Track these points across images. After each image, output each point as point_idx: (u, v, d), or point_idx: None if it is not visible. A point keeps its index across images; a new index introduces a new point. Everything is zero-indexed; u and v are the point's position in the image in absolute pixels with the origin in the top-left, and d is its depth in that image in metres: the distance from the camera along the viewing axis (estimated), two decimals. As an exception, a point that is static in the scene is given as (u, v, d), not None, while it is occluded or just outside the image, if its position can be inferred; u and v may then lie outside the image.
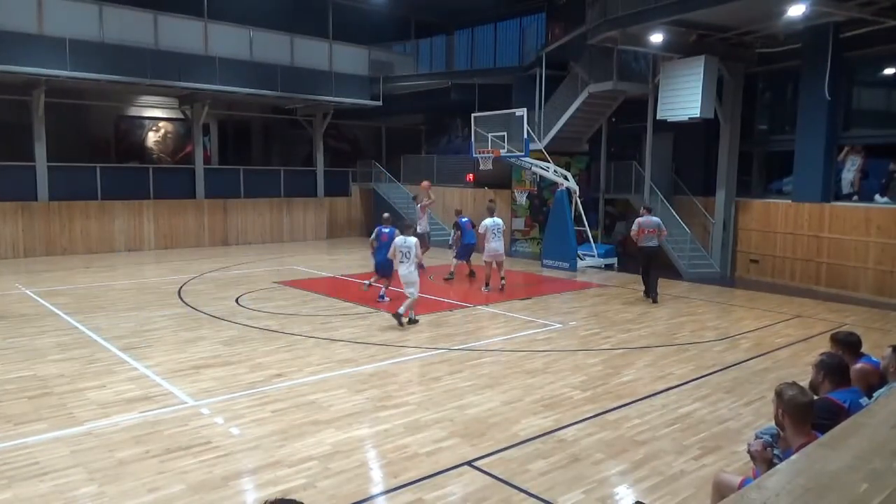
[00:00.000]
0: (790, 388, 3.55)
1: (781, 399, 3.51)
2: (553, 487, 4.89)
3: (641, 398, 6.94)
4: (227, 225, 21.77)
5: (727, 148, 15.59)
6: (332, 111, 23.56)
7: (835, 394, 4.06)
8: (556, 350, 8.93)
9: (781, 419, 3.49)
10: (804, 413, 3.45)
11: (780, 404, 3.51)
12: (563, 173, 17.02)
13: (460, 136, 24.80)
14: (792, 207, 14.67)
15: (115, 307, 11.28)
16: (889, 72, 13.87)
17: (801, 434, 3.40)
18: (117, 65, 17.60)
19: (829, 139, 13.93)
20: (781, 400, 3.51)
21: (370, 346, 8.91)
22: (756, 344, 9.37)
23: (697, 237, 16.33)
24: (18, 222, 17.84)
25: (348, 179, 25.53)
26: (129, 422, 6.11)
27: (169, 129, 23.70)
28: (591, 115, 18.48)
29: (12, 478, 4.95)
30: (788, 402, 3.47)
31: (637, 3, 13.53)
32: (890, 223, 12.92)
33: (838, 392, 4.07)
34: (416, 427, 6.05)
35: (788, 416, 3.45)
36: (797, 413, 3.44)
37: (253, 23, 20.45)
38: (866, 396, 4.14)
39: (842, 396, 4.00)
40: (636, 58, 17.08)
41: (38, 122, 17.89)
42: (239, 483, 4.97)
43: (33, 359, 8.13)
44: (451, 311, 11.37)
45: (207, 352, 8.51)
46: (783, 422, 3.48)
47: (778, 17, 12.66)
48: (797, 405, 3.45)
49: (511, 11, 23.76)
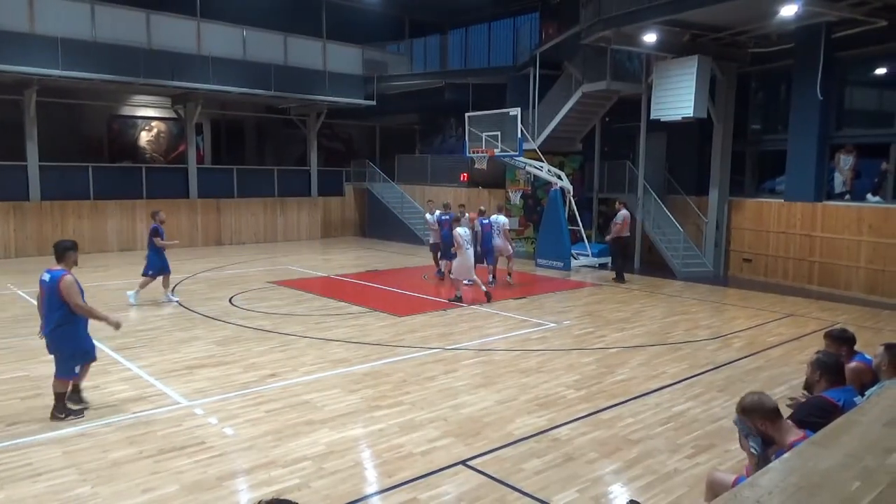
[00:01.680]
0: (747, 396, 3.57)
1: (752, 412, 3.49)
2: (547, 486, 4.90)
3: (635, 397, 6.97)
4: (221, 225, 21.71)
5: (720, 147, 15.66)
6: (325, 111, 23.52)
7: (829, 392, 4.07)
8: (550, 349, 8.94)
9: (765, 430, 3.49)
10: (772, 410, 3.48)
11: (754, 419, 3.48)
12: (556, 173, 17.05)
13: (454, 136, 24.81)
14: (784, 207, 14.74)
15: (108, 307, 11.15)
16: (881, 71, 13.94)
17: (787, 432, 3.43)
18: (110, 64, 17.53)
19: (821, 139, 14.00)
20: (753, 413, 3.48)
21: (364, 346, 8.91)
22: (749, 343, 9.41)
23: (691, 236, 16.38)
24: (10, 222, 17.74)
25: (342, 179, 25.50)
26: (122, 422, 6.09)
27: (162, 129, 23.61)
28: (585, 115, 18.51)
29: (5, 479, 4.93)
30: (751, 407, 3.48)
31: (631, 3, 13.56)
32: (881, 222, 13.00)
33: (833, 391, 4.08)
34: (410, 427, 6.05)
35: (765, 420, 3.46)
36: (771, 414, 3.46)
37: (246, 22, 20.41)
38: (860, 395, 4.16)
39: (836, 395, 4.02)
40: (630, 57, 17.12)
41: (30, 121, 17.80)
42: (233, 483, 4.96)
43: (26, 359, 8.09)
44: (445, 311, 11.38)
45: (201, 352, 8.49)
46: (768, 431, 3.48)
47: (770, 17, 12.72)
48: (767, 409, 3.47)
49: (505, 11, 23.79)
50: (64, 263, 6.26)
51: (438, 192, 23.22)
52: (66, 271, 6.18)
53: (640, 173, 16.90)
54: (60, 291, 6.03)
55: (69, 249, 6.34)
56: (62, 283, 6.04)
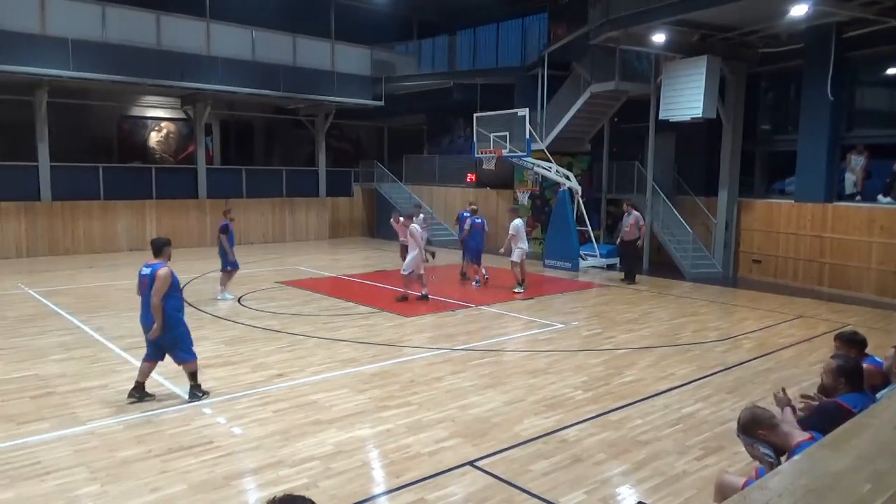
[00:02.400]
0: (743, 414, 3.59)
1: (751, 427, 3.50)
2: (555, 488, 4.88)
3: (643, 398, 6.94)
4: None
5: (729, 148, 15.57)
6: (334, 111, 23.57)
7: (845, 398, 3.98)
8: (558, 350, 8.92)
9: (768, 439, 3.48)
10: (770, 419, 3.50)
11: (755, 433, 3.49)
12: (565, 173, 17.01)
13: (462, 136, 24.81)
14: (794, 207, 14.65)
15: (118, 307, 11.29)
16: (892, 72, 13.83)
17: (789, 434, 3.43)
18: (120, 65, 17.64)
19: (831, 139, 13.91)
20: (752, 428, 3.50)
21: (372, 346, 8.91)
22: (759, 344, 9.35)
23: (700, 237, 16.30)
24: (21, 222, 17.87)
25: (350, 179, 25.56)
26: (131, 421, 6.12)
27: (171, 129, 23.73)
28: (594, 115, 18.46)
29: (15, 477, 4.96)
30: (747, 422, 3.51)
31: (639, 3, 13.50)
32: (893, 223, 12.89)
33: (848, 396, 4.00)
34: (418, 427, 6.05)
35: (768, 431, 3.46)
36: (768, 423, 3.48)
37: (255, 23, 20.48)
38: (875, 399, 4.09)
39: (852, 401, 3.93)
40: (638, 58, 17.06)
41: (41, 122, 17.93)
42: (241, 483, 4.97)
43: (36, 358, 8.15)
44: (454, 312, 11.37)
45: (209, 352, 8.51)
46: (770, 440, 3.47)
47: (780, 16, 12.64)
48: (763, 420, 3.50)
49: (513, 11, 23.74)
50: (162, 257, 6.69)
51: (446, 192, 23.28)
52: (163, 264, 6.59)
53: (649, 174, 16.84)
54: (155, 282, 6.42)
55: (165, 245, 6.80)
56: (157, 275, 6.45)
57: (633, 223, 14.50)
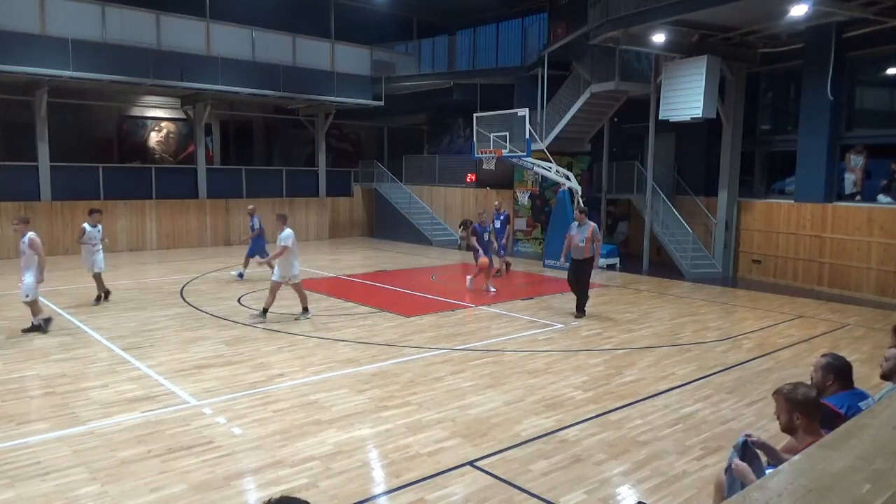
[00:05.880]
0: (798, 387, 3.50)
1: (794, 400, 3.43)
2: (555, 488, 4.89)
3: (643, 398, 6.94)
4: (230, 225, 21.78)
5: (729, 148, 15.58)
6: (334, 111, 23.56)
7: (831, 399, 3.96)
8: (558, 350, 8.92)
9: (794, 421, 3.43)
10: (817, 408, 3.42)
11: (792, 406, 3.43)
12: (564, 173, 17.01)
13: (462, 136, 24.81)
14: (794, 207, 14.65)
15: (118, 307, 11.29)
16: (891, 72, 13.83)
17: (812, 432, 3.38)
18: (119, 65, 17.63)
19: (831, 139, 13.91)
20: (795, 401, 3.43)
21: (372, 346, 8.91)
22: (758, 344, 9.36)
23: (699, 237, 16.31)
24: (21, 222, 17.83)
25: (350, 179, 25.56)
26: (131, 421, 6.11)
27: (171, 129, 23.74)
28: (594, 116, 18.47)
29: (14, 477, 4.96)
30: (804, 401, 3.42)
31: (639, 3, 13.52)
32: (893, 223, 12.90)
33: (835, 397, 3.98)
34: (417, 427, 6.05)
35: (804, 416, 3.40)
36: (812, 410, 3.40)
37: (255, 23, 20.48)
38: (871, 397, 4.07)
39: (840, 401, 3.92)
40: (638, 58, 17.07)
41: (40, 122, 17.92)
42: (241, 483, 4.97)
43: (35, 358, 8.14)
44: (453, 312, 11.37)
45: (209, 351, 8.52)
46: (796, 423, 3.42)
47: (780, 16, 12.65)
48: (810, 401, 3.41)
49: (513, 11, 23.77)
50: None
51: (446, 192, 23.27)
52: None
53: (649, 174, 16.84)
54: None
55: None
56: None
57: (590, 236, 10.86)
